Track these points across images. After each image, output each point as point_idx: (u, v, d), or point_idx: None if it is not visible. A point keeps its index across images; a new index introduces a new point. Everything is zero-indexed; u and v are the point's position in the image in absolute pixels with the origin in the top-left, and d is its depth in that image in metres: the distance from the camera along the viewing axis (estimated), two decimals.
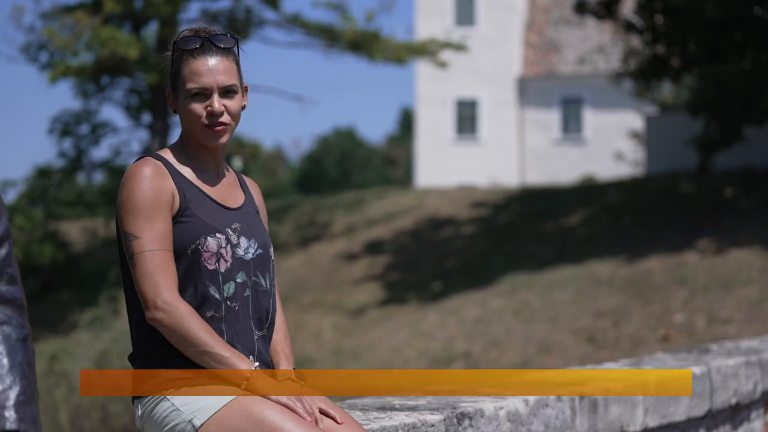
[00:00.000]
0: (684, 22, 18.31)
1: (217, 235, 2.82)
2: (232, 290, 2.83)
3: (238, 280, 2.84)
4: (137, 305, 2.82)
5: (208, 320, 2.78)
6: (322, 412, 2.76)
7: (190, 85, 2.85)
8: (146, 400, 2.79)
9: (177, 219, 2.82)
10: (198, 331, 2.71)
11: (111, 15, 23.34)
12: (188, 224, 2.81)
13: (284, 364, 2.95)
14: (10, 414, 2.19)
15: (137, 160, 2.86)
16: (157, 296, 2.72)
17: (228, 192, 2.94)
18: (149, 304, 2.73)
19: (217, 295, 2.80)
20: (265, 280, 2.91)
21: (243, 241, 2.87)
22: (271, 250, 2.95)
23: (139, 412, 2.81)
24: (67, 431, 13.92)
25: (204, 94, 2.85)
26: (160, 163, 2.84)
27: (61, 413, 13.95)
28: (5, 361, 2.23)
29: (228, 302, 2.82)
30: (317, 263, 21.69)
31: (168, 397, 2.75)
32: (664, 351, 5.90)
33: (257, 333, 2.87)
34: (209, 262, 2.81)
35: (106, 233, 26.31)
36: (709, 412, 4.78)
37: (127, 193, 2.79)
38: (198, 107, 2.85)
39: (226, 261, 2.82)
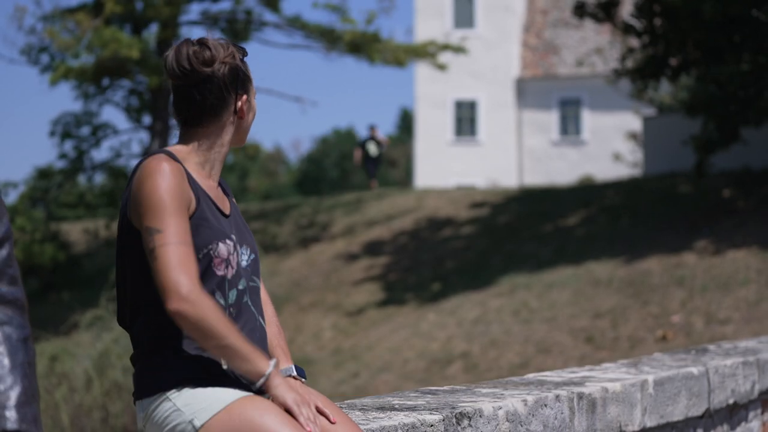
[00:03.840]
0: (682, 23, 18.31)
1: (227, 241, 2.80)
2: (234, 297, 2.81)
3: (240, 287, 2.83)
4: (144, 305, 2.78)
5: None
6: (318, 410, 2.77)
7: (255, 86, 2.98)
8: (148, 400, 2.78)
9: (191, 222, 2.76)
10: (223, 324, 2.66)
11: (112, 16, 23.37)
12: (200, 228, 2.77)
13: (283, 360, 2.96)
14: (11, 414, 2.20)
15: (151, 155, 2.79)
16: (182, 287, 2.63)
17: (222, 198, 2.92)
18: (173, 296, 2.63)
19: (222, 302, 2.78)
20: (258, 283, 2.93)
21: (239, 248, 2.86)
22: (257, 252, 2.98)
23: (142, 413, 2.80)
24: (67, 431, 13.90)
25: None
26: (177, 163, 2.79)
27: (62, 413, 13.92)
28: (6, 361, 2.23)
29: (231, 309, 2.80)
30: (317, 264, 21.69)
31: (170, 397, 2.74)
32: (662, 351, 5.92)
33: (257, 335, 2.87)
34: (219, 268, 2.77)
35: (107, 234, 26.30)
36: (707, 412, 4.79)
37: (151, 188, 2.71)
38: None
39: (232, 268, 2.81)
